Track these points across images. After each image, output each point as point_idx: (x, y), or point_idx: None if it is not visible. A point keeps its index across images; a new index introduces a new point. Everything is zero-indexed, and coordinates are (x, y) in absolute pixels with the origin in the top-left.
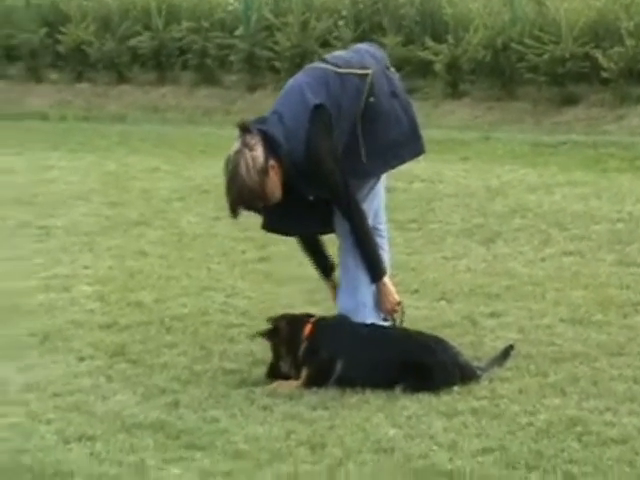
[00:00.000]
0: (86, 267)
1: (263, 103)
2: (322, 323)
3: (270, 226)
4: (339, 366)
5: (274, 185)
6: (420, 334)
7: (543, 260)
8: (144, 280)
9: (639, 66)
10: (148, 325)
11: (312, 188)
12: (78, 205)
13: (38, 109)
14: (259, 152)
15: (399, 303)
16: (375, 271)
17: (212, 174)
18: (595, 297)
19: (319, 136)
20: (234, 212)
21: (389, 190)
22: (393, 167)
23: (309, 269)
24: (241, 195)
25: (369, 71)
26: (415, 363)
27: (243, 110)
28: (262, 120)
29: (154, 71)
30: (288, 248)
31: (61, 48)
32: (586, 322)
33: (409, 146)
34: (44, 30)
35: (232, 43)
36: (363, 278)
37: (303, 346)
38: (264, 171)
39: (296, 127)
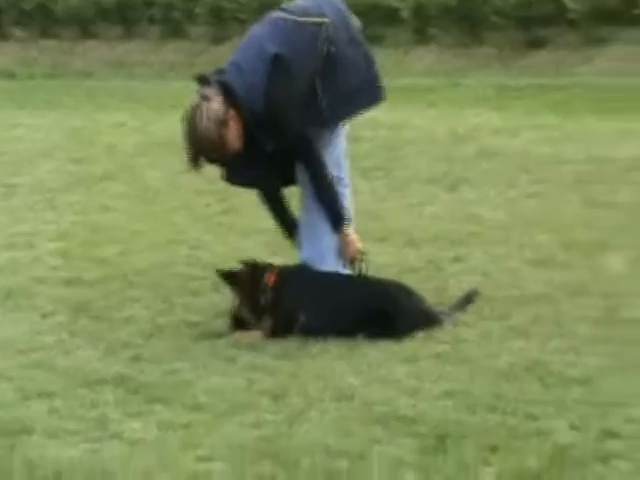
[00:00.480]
0: (49, 223)
1: (229, 55)
2: (286, 272)
3: (231, 178)
4: (302, 317)
5: (233, 136)
6: (383, 281)
7: (508, 203)
8: (107, 235)
9: (605, 7)
10: (111, 280)
11: (271, 139)
12: (43, 162)
13: (4, 68)
14: (217, 103)
15: (362, 252)
16: (336, 220)
17: (178, 129)
18: (559, 239)
19: (278, 86)
20: (195, 164)
21: (355, 138)
22: (353, 115)
23: (270, 220)
24: (200, 147)
25: (327, 20)
26: (378, 311)
27: (209, 63)
28: (221, 71)
29: (120, 26)
30: (251, 200)
31: (25, 5)
32: (550, 264)
33: (369, 94)
34: None
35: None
36: (325, 227)
37: (266, 295)
38: (223, 122)
39: (255, 77)
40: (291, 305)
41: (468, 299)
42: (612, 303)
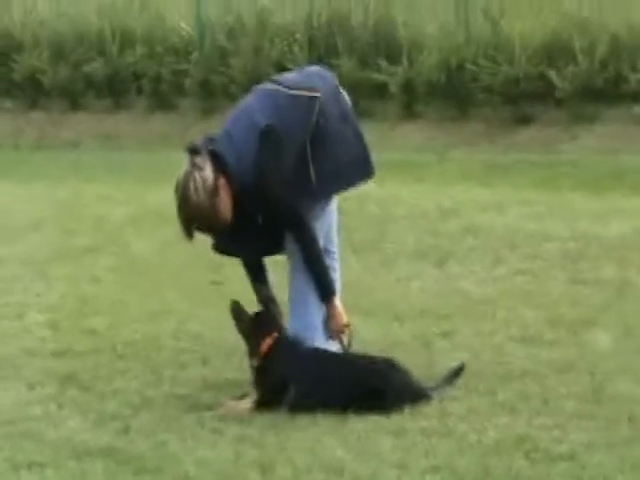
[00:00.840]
0: (38, 295)
1: (218, 128)
2: (281, 343)
3: (219, 247)
4: (292, 388)
5: (225, 205)
6: (372, 357)
7: (495, 279)
8: (97, 306)
9: (593, 85)
10: (100, 352)
11: (261, 211)
12: (31, 234)
13: None
14: (208, 172)
15: (348, 325)
16: (324, 292)
17: (165, 200)
18: (546, 315)
19: (268, 158)
20: (188, 234)
21: (343, 212)
22: (342, 190)
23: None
24: (192, 217)
25: (318, 93)
26: (367, 387)
27: (198, 135)
28: (212, 140)
29: (109, 98)
30: (241, 272)
31: (15, 76)
32: (537, 340)
33: (359, 169)
34: None
35: (186, 68)
36: (312, 299)
37: (258, 361)
38: (214, 191)
39: (245, 148)
40: (282, 375)
41: (455, 374)
42: (598, 380)
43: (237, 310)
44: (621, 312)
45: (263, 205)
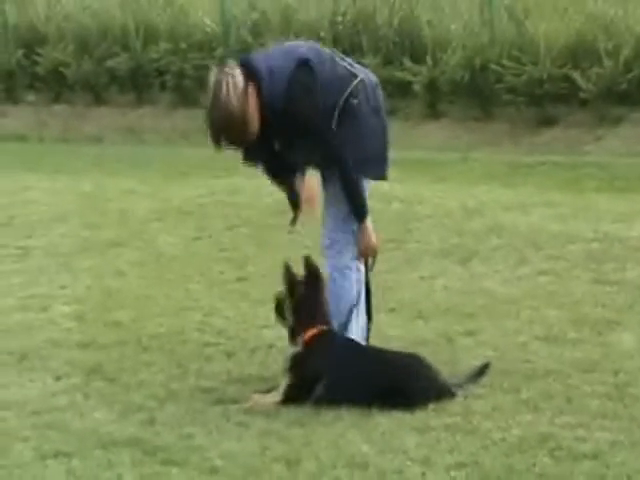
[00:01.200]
0: (63, 287)
1: None
2: (325, 337)
3: (248, 159)
4: (321, 386)
5: (253, 112)
6: (401, 355)
7: (519, 279)
8: (122, 300)
9: (617, 87)
10: (125, 344)
11: (282, 135)
12: (56, 226)
13: (15, 131)
14: (238, 77)
15: (375, 248)
16: (359, 211)
17: (190, 195)
18: (569, 315)
19: (301, 86)
20: (216, 142)
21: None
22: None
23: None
24: (223, 120)
25: (361, 76)
26: (393, 384)
27: None
28: (247, 56)
29: (132, 92)
30: (266, 268)
31: (39, 69)
32: (560, 340)
33: (377, 167)
34: (21, 51)
35: (209, 64)
36: (347, 238)
37: (298, 349)
38: (244, 95)
39: (280, 70)
40: (318, 369)
41: (480, 372)
42: (622, 380)
43: (288, 275)
44: None
45: (286, 128)
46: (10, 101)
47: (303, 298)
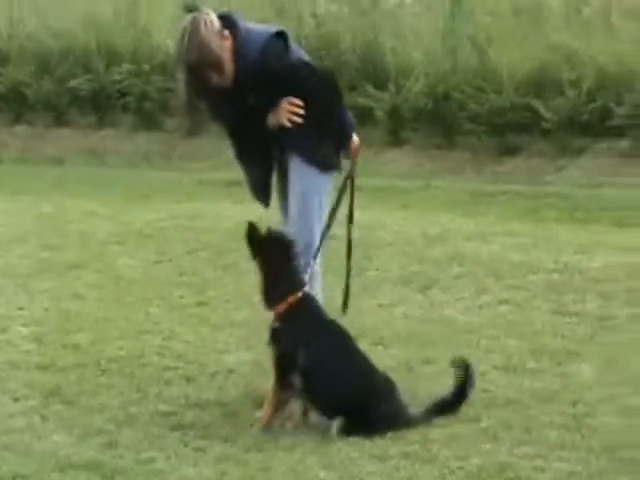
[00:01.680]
0: (21, 308)
1: (205, 148)
2: (298, 309)
3: (215, 117)
4: (301, 358)
5: (228, 55)
6: (379, 373)
7: (479, 308)
8: (80, 322)
9: (579, 117)
10: (84, 367)
11: (257, 88)
12: (14, 247)
13: None
14: (215, 18)
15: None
16: (348, 130)
17: (151, 218)
18: (529, 345)
19: (276, 47)
20: (191, 81)
21: (329, 236)
22: None
23: (245, 313)
24: (202, 51)
25: None
26: (362, 404)
27: (184, 154)
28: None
29: (93, 114)
30: (226, 293)
31: (1, 89)
32: (520, 370)
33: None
34: None
35: (172, 86)
36: (314, 214)
37: (273, 323)
38: (221, 33)
39: (258, 32)
40: (290, 348)
41: (445, 403)
42: (580, 410)
43: (253, 233)
44: (604, 344)
45: (259, 86)
46: None
47: (272, 261)
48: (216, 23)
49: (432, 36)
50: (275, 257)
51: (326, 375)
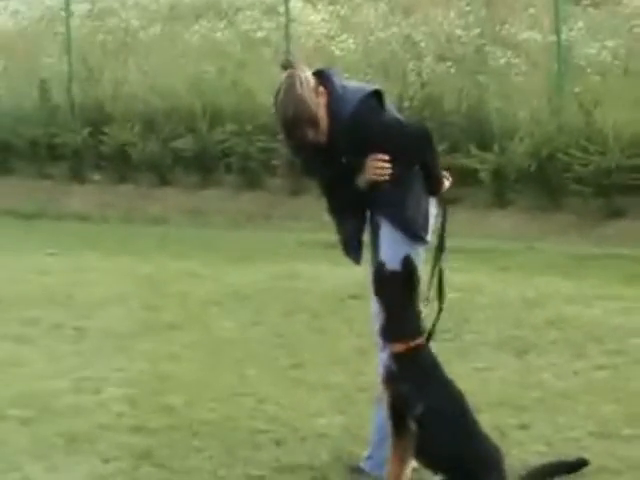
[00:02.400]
0: (118, 370)
1: (307, 208)
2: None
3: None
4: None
5: (323, 114)
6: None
7: (576, 373)
8: (174, 384)
9: None
10: (176, 429)
11: (350, 146)
12: (113, 307)
13: (79, 210)
14: (310, 75)
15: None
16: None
17: (251, 280)
18: (625, 410)
19: (371, 104)
20: (293, 137)
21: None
22: None
23: (340, 377)
24: (297, 107)
25: None
26: (471, 469)
27: (286, 214)
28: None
29: (197, 174)
30: (321, 355)
31: (105, 149)
32: (614, 436)
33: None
34: (87, 130)
35: (275, 147)
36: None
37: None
38: (316, 90)
39: (353, 90)
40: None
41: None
42: None
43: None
44: None
45: (354, 139)
46: (76, 180)
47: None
48: (311, 80)
49: (539, 96)
50: (403, 295)
51: (440, 430)
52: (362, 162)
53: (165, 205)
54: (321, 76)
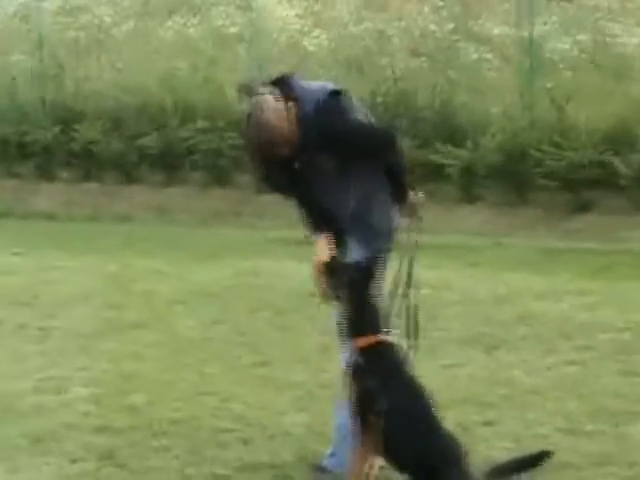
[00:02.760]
0: (82, 369)
1: (276, 205)
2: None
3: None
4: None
5: (294, 125)
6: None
7: (547, 369)
8: (139, 383)
9: None
10: (141, 429)
11: (314, 147)
12: (78, 307)
13: (46, 209)
14: (271, 96)
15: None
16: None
17: (216, 278)
18: (588, 407)
19: (332, 103)
20: (263, 159)
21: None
22: None
23: (302, 375)
24: (269, 135)
25: None
26: (434, 465)
27: (254, 212)
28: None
29: (163, 171)
30: (285, 353)
31: (74, 146)
32: (578, 432)
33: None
34: (58, 127)
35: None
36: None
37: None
38: (285, 107)
39: (311, 89)
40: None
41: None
42: (637, 472)
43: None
44: None
45: (317, 142)
46: (44, 179)
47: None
48: (273, 102)
49: (511, 91)
50: (365, 293)
51: (403, 427)
52: (325, 164)
53: (131, 203)
54: (284, 85)
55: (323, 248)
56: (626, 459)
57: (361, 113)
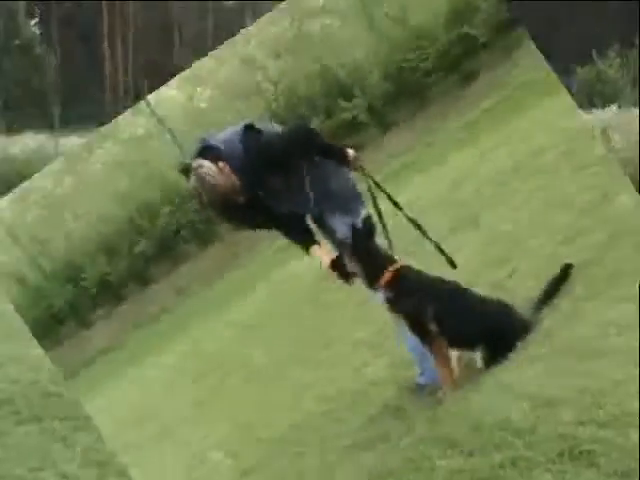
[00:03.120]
0: None
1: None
2: (402, 275)
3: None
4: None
5: (234, 178)
6: (494, 298)
7: None
8: None
9: None
10: None
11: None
12: None
13: None
14: (207, 163)
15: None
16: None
17: None
18: None
19: (249, 136)
20: (227, 213)
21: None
22: None
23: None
24: (216, 195)
25: None
26: (497, 326)
27: None
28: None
29: None
30: None
31: None
32: None
33: None
34: None
35: None
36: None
37: (385, 294)
38: (218, 168)
39: (226, 138)
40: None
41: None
42: None
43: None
44: None
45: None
46: None
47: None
48: (212, 167)
49: None
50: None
51: (457, 313)
52: (278, 178)
53: None
54: (208, 150)
55: (322, 252)
56: None
57: (272, 127)
